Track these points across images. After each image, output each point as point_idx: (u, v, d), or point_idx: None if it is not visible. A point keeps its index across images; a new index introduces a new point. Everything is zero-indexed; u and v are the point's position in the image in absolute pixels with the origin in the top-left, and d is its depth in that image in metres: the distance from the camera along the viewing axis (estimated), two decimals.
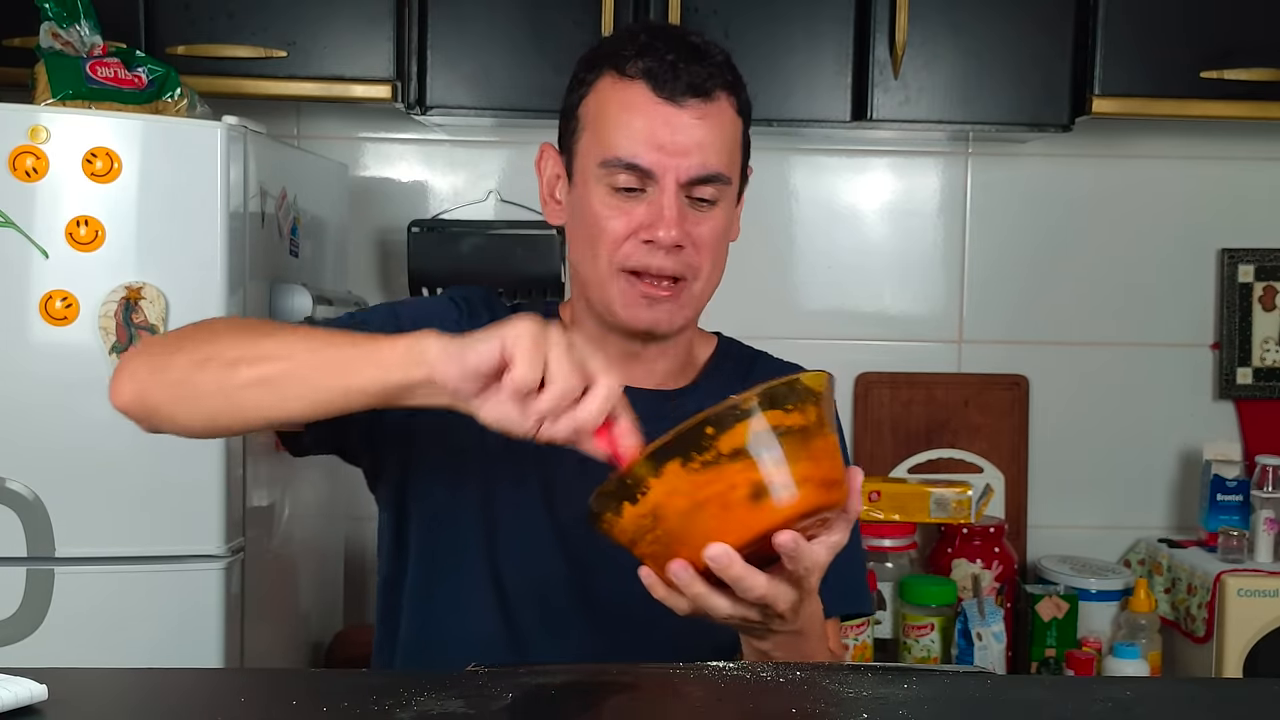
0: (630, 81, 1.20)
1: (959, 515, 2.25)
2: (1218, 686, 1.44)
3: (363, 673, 0.99)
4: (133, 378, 1.13)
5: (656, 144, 1.19)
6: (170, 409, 1.11)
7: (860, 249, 2.53)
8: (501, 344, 0.97)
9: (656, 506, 0.93)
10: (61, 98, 1.79)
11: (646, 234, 1.20)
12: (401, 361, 1.01)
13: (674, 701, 0.95)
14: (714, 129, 1.21)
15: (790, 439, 0.93)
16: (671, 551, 0.95)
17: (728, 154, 1.23)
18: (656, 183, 1.20)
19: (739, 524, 0.93)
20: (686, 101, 1.19)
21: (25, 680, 0.86)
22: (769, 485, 0.93)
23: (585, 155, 1.24)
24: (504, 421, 0.99)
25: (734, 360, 1.37)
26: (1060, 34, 2.16)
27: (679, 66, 1.19)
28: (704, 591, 0.96)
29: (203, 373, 1.09)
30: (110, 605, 1.73)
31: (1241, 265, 2.52)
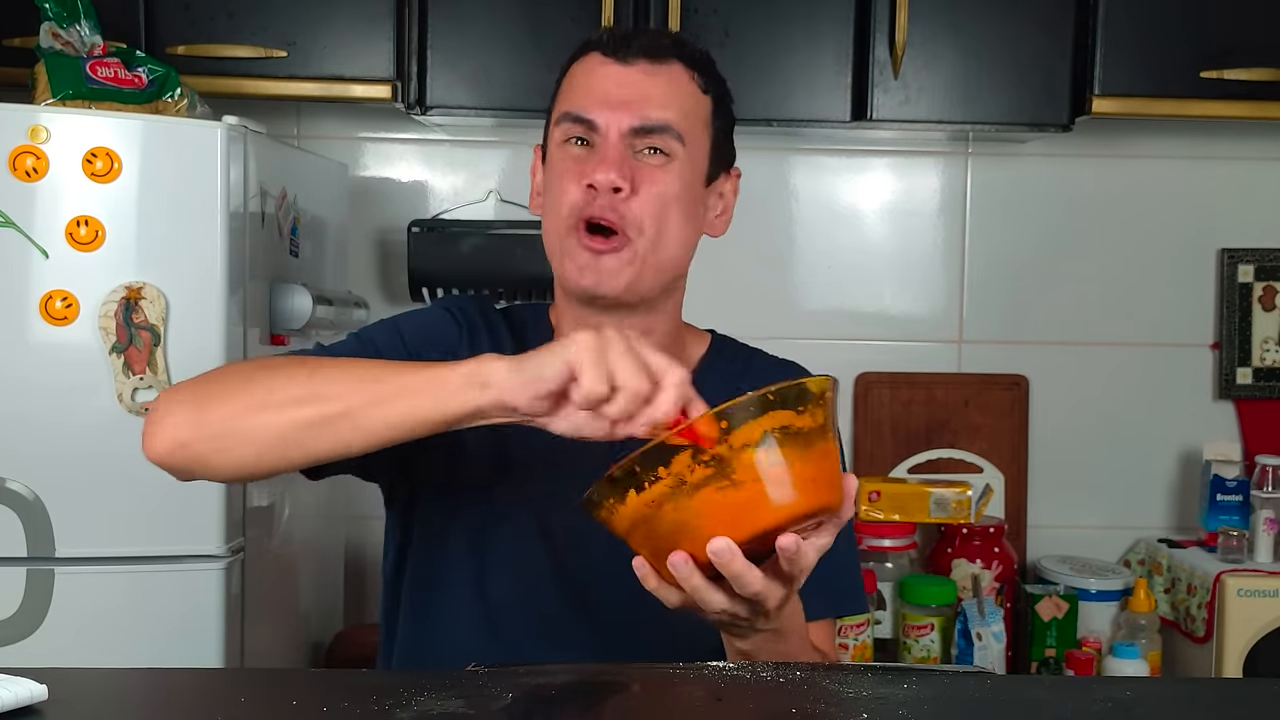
0: (588, 54, 1.26)
1: (959, 515, 2.25)
2: (1218, 686, 1.44)
3: (363, 673, 0.99)
4: (170, 432, 1.10)
5: (603, 96, 1.23)
6: (216, 458, 1.10)
7: (860, 249, 2.53)
8: (566, 362, 0.98)
9: (661, 497, 0.93)
10: (62, 98, 1.79)
11: (588, 178, 1.21)
12: (464, 388, 1.02)
13: (674, 701, 0.95)
14: (662, 85, 1.23)
15: (798, 440, 0.94)
16: (669, 544, 0.96)
17: (679, 112, 1.24)
18: (600, 133, 1.22)
19: (740, 521, 0.94)
20: (635, 60, 1.23)
21: (25, 680, 0.86)
22: (773, 485, 0.93)
23: (552, 131, 1.27)
24: (579, 430, 1.01)
25: (728, 358, 1.37)
26: (1060, 34, 2.16)
27: (634, 38, 1.24)
28: (702, 585, 0.96)
29: (255, 418, 1.08)
30: (110, 605, 1.73)
31: (1241, 265, 2.52)
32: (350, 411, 1.05)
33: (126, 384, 1.70)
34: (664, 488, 0.93)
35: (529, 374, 1.00)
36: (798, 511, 0.95)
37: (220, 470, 1.11)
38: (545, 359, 1.00)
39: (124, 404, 1.70)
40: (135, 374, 1.70)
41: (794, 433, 0.94)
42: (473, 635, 1.25)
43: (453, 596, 1.27)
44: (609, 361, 0.98)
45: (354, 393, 1.06)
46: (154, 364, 1.70)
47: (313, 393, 1.07)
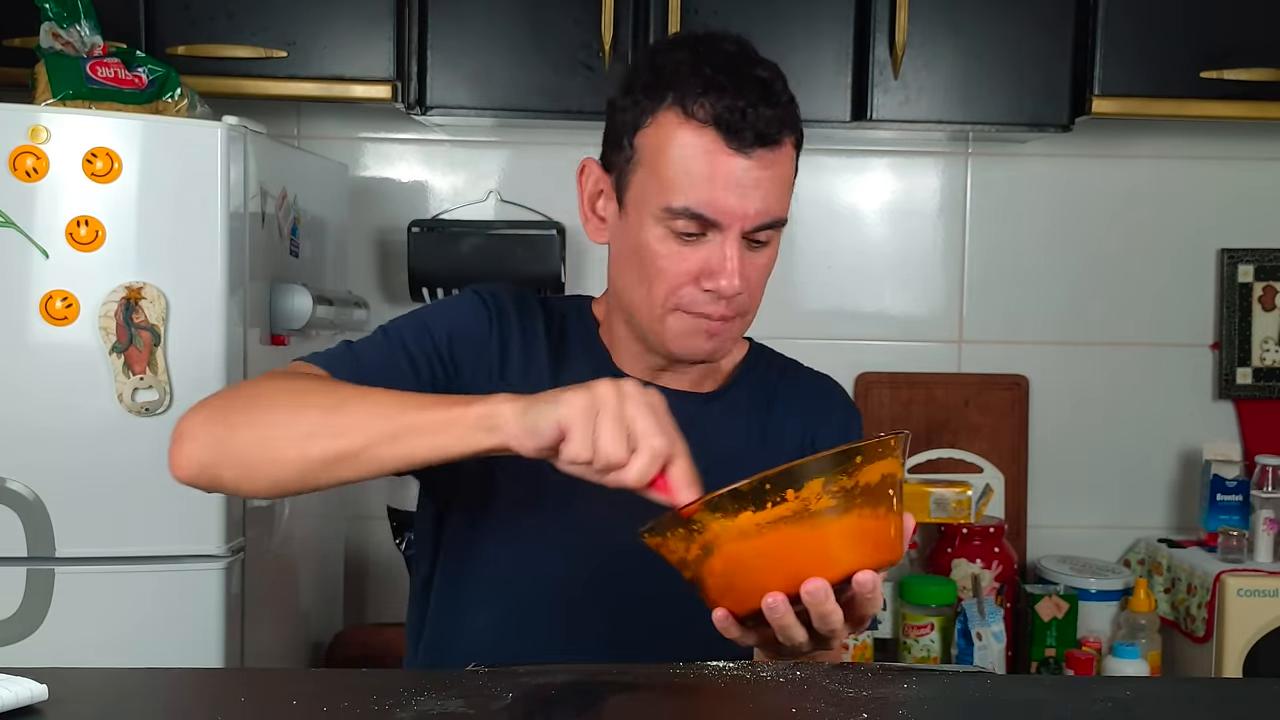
0: (698, 127, 1.17)
1: (959, 515, 2.25)
2: (1218, 686, 1.44)
3: (363, 673, 0.99)
4: (196, 453, 1.13)
5: (723, 196, 1.17)
6: (238, 482, 1.14)
7: (860, 249, 2.53)
8: (557, 421, 1.02)
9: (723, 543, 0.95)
10: (62, 98, 1.79)
11: (709, 282, 1.19)
12: (475, 430, 1.05)
13: (674, 701, 0.95)
14: (778, 176, 1.20)
15: (897, 491, 0.98)
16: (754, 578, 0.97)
17: (787, 195, 1.22)
18: (720, 231, 1.19)
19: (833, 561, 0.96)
20: (754, 151, 1.17)
21: (25, 680, 0.87)
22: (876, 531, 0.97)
23: (643, 190, 1.21)
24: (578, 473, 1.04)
25: (765, 367, 1.38)
26: (1060, 34, 2.16)
27: (748, 112, 1.16)
28: (793, 624, 0.98)
29: (272, 449, 1.11)
30: (110, 605, 1.73)
31: (1241, 265, 2.52)
32: (368, 447, 1.08)
33: (126, 384, 1.70)
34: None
35: (529, 425, 1.03)
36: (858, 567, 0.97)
37: (246, 492, 1.16)
38: (545, 411, 1.03)
39: (124, 404, 1.70)
40: (135, 374, 1.70)
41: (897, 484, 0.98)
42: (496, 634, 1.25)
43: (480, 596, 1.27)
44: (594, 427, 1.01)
45: (371, 428, 1.08)
46: (154, 364, 1.70)
47: (330, 427, 1.10)
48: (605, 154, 1.27)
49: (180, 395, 1.70)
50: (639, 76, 1.23)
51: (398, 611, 2.43)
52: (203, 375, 1.71)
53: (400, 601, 2.39)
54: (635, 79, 1.23)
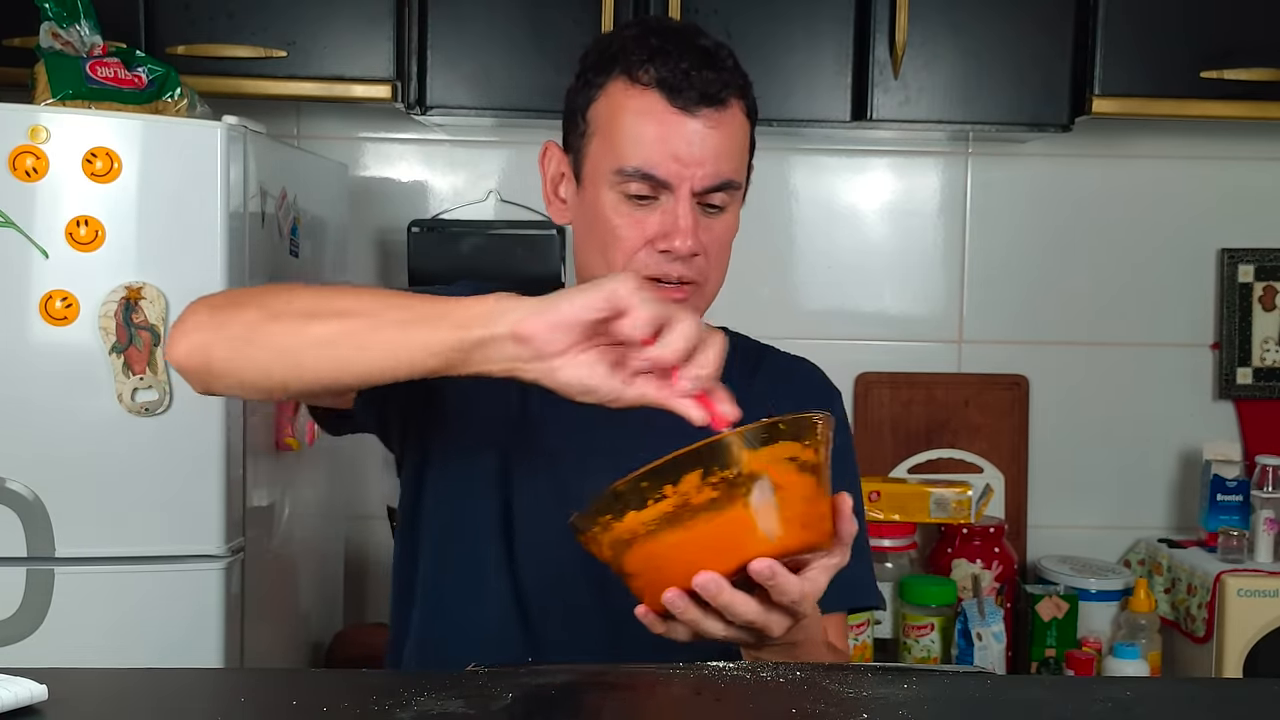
0: (643, 89, 1.20)
1: (959, 515, 2.25)
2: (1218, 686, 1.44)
3: (363, 673, 0.99)
4: (194, 331, 1.10)
5: (671, 154, 1.19)
6: (231, 364, 1.08)
7: (860, 249, 2.53)
8: (607, 294, 0.94)
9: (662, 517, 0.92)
10: (61, 98, 1.79)
11: (663, 244, 1.20)
12: (481, 318, 0.97)
13: (674, 701, 0.95)
14: (726, 136, 1.21)
15: (802, 473, 0.94)
16: (660, 575, 0.95)
17: (738, 159, 1.24)
18: (671, 192, 1.20)
19: (730, 551, 0.93)
20: (699, 110, 1.19)
21: (25, 680, 0.86)
22: (767, 517, 0.93)
23: (596, 160, 1.23)
24: (586, 381, 0.96)
25: (741, 355, 1.37)
26: (1060, 34, 2.16)
27: (691, 74, 1.19)
28: (698, 616, 0.96)
29: (272, 326, 1.06)
30: (110, 605, 1.73)
31: (1241, 265, 2.52)
32: (368, 329, 1.02)
33: (126, 384, 1.70)
34: (666, 507, 0.92)
35: (550, 305, 0.95)
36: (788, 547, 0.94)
37: (238, 379, 1.09)
38: (576, 291, 0.96)
39: (124, 404, 1.70)
40: (135, 374, 1.70)
41: (800, 466, 0.93)
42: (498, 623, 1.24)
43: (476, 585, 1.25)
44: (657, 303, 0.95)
45: (369, 311, 1.03)
46: (154, 364, 1.70)
47: (334, 308, 1.05)
48: (564, 137, 1.29)
49: (180, 395, 1.70)
50: (588, 58, 1.26)
51: None
52: None
53: None
54: (585, 61, 1.26)
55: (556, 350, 0.95)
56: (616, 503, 0.93)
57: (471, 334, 0.97)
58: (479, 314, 0.98)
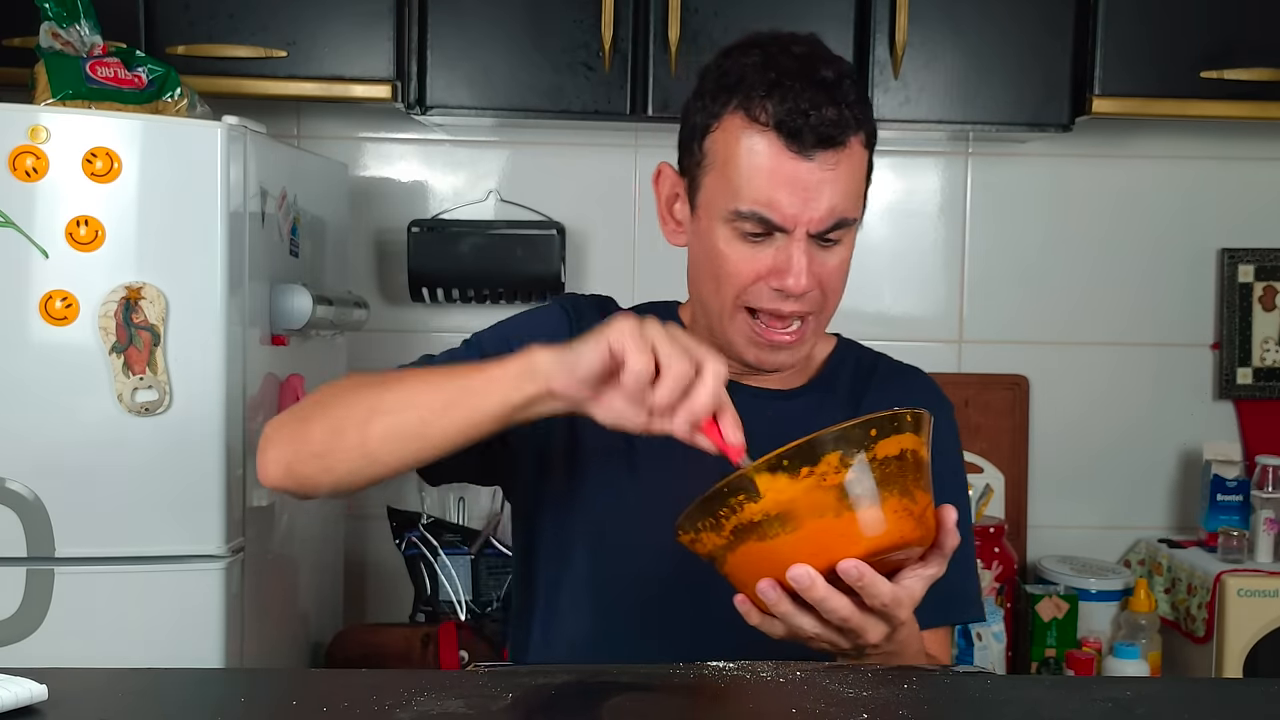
0: (761, 130, 1.18)
1: None
2: (1218, 686, 1.44)
3: (363, 672, 0.99)
4: (278, 460, 1.18)
5: (788, 200, 1.18)
6: (319, 478, 1.17)
7: (860, 249, 2.50)
8: (607, 345, 1.01)
9: (758, 518, 0.95)
10: (61, 98, 1.79)
11: (776, 282, 1.20)
12: (517, 381, 1.06)
13: (674, 701, 0.95)
14: (844, 176, 1.19)
15: (897, 470, 0.95)
16: (758, 570, 0.97)
17: (855, 197, 1.22)
18: (787, 234, 1.19)
19: (826, 549, 0.95)
20: (817, 154, 1.17)
21: (25, 680, 0.86)
22: (863, 514, 0.95)
23: (712, 194, 1.22)
24: (619, 419, 1.04)
25: (854, 361, 1.39)
26: (1060, 34, 2.16)
27: (810, 114, 1.16)
28: (791, 611, 0.98)
29: (339, 438, 1.14)
30: (110, 605, 1.72)
31: (1241, 265, 2.52)
32: (422, 419, 1.10)
33: (126, 384, 1.70)
34: (761, 509, 0.94)
35: (570, 359, 1.03)
36: (881, 545, 0.96)
37: (328, 487, 1.18)
38: (585, 345, 1.03)
39: (124, 404, 1.70)
40: (135, 374, 1.70)
41: (893, 462, 0.95)
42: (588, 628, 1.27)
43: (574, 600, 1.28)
44: (650, 343, 1.00)
45: (422, 400, 1.11)
46: (154, 364, 1.70)
47: (385, 407, 1.13)
48: (680, 157, 1.29)
49: (180, 395, 1.70)
50: (708, 79, 1.24)
51: (397, 611, 2.43)
52: (203, 375, 1.71)
53: (400, 602, 2.40)
54: (705, 81, 1.24)
55: (585, 398, 1.04)
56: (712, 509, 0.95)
57: (513, 398, 1.07)
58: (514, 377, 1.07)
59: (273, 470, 1.18)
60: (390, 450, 1.13)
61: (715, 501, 0.96)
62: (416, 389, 1.13)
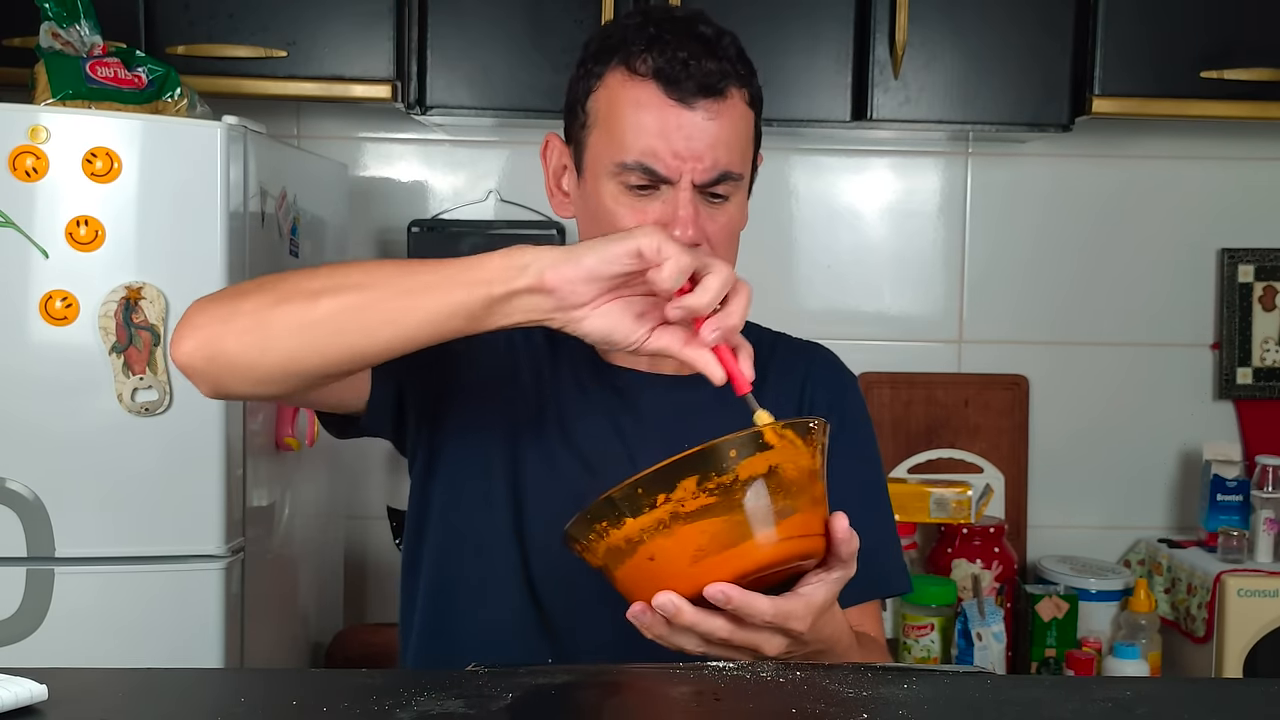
0: (641, 80, 1.18)
1: (959, 515, 2.25)
2: (1218, 686, 1.44)
3: (363, 672, 0.99)
4: (201, 327, 1.06)
5: (670, 148, 1.17)
6: (244, 355, 1.04)
7: (860, 249, 2.53)
8: (636, 247, 0.96)
9: (660, 523, 0.92)
10: (61, 98, 1.79)
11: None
12: (501, 272, 0.98)
13: (674, 701, 0.95)
14: (726, 127, 1.19)
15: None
16: (655, 580, 0.94)
17: (740, 150, 1.22)
18: (671, 184, 1.19)
19: (697, 573, 0.92)
20: (698, 102, 1.18)
21: (25, 680, 0.86)
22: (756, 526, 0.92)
23: (597, 152, 1.22)
24: (613, 332, 0.99)
25: (754, 344, 1.36)
26: (1060, 34, 2.16)
27: (690, 64, 1.17)
28: (666, 633, 0.96)
29: (283, 308, 1.03)
30: (110, 605, 1.73)
31: (1241, 265, 2.52)
32: (381, 300, 1.01)
33: (126, 384, 1.70)
34: (662, 514, 0.91)
35: (578, 255, 0.97)
36: (759, 564, 0.93)
37: (245, 370, 1.05)
38: (602, 243, 0.97)
39: (124, 404, 1.70)
40: (135, 374, 1.70)
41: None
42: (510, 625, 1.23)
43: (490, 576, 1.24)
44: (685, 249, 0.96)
45: (386, 282, 1.02)
46: (154, 364, 1.70)
47: (344, 283, 1.03)
48: (565, 126, 1.28)
49: (180, 395, 1.70)
50: (590, 46, 1.25)
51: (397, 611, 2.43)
52: None
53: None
54: (587, 49, 1.25)
55: (581, 302, 0.98)
56: (611, 510, 0.93)
57: (494, 290, 0.98)
58: (499, 268, 0.98)
59: (190, 342, 1.05)
60: (337, 330, 1.01)
61: (588, 522, 0.94)
62: (380, 270, 1.04)
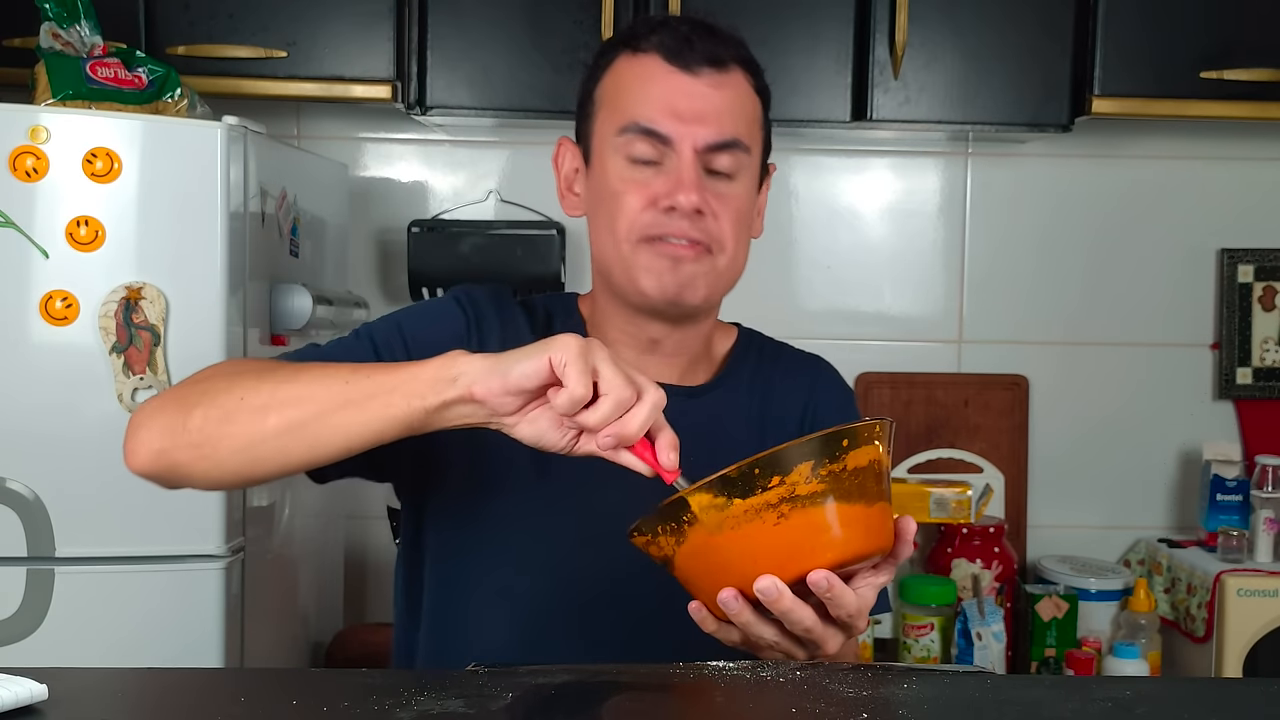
0: (645, 55, 1.20)
1: (959, 515, 2.25)
2: (1218, 686, 1.44)
3: (363, 672, 0.99)
4: (149, 442, 1.08)
5: (673, 110, 1.18)
6: (194, 468, 1.08)
7: (860, 249, 2.53)
8: (549, 360, 0.97)
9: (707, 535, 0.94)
10: (62, 98, 1.79)
11: (666, 200, 1.18)
12: (433, 385, 1.00)
13: (674, 701, 0.95)
14: (730, 98, 1.20)
15: (863, 481, 0.95)
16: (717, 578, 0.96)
17: (745, 123, 1.21)
18: (674, 150, 1.18)
19: (791, 559, 0.95)
20: (702, 71, 1.19)
21: (25, 680, 0.86)
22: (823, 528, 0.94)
23: (603, 131, 1.22)
24: (540, 437, 1.00)
25: (757, 354, 1.35)
26: (1060, 34, 2.16)
27: (693, 39, 1.19)
28: (752, 620, 0.97)
29: (227, 429, 1.05)
30: (110, 605, 1.73)
31: (1241, 265, 2.52)
32: (321, 414, 1.03)
33: (126, 384, 1.70)
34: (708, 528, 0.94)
35: (503, 368, 0.98)
36: (847, 556, 0.96)
37: (201, 479, 1.09)
38: (523, 355, 0.98)
39: (124, 404, 1.70)
40: (135, 374, 1.70)
41: (838, 477, 0.94)
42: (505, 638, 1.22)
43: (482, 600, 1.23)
44: (593, 364, 0.97)
45: (324, 397, 1.03)
46: (154, 364, 1.70)
47: (284, 399, 1.04)
48: (576, 128, 1.29)
49: None
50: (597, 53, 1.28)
51: None
52: None
53: None
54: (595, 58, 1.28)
55: (509, 411, 1.00)
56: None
57: (426, 402, 1.00)
58: (431, 381, 1.00)
59: (143, 455, 1.08)
60: (282, 447, 1.04)
61: (678, 508, 0.94)
62: (319, 383, 1.04)
